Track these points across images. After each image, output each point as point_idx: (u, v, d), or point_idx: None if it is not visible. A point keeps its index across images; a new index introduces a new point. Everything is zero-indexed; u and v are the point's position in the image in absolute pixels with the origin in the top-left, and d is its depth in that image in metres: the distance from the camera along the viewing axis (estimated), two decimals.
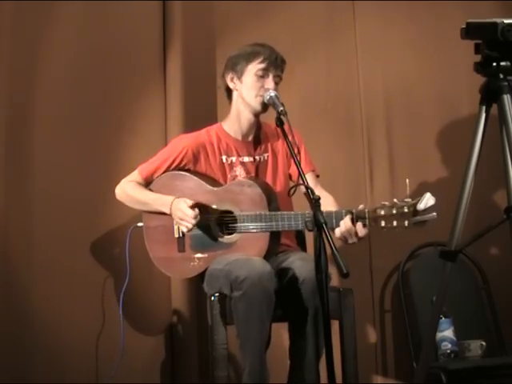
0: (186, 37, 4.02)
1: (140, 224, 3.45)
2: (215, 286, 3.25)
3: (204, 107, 3.99)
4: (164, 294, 3.88)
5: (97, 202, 3.76)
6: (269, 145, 3.44)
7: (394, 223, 3.02)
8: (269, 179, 3.40)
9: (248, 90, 3.34)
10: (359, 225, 3.06)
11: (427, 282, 3.97)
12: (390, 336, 4.17)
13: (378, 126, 4.29)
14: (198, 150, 3.39)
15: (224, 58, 3.89)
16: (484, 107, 2.70)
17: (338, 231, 3.07)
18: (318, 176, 3.50)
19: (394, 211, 3.01)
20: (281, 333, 3.61)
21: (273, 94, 3.22)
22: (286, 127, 3.05)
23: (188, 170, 3.38)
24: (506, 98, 2.64)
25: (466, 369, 3.79)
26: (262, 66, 3.32)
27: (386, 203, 3.04)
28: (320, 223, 2.70)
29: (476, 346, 3.89)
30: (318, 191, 3.30)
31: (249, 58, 3.34)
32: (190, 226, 3.25)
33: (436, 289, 2.83)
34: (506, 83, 2.65)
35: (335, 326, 3.24)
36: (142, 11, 3.97)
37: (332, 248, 2.64)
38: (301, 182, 2.89)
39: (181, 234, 3.33)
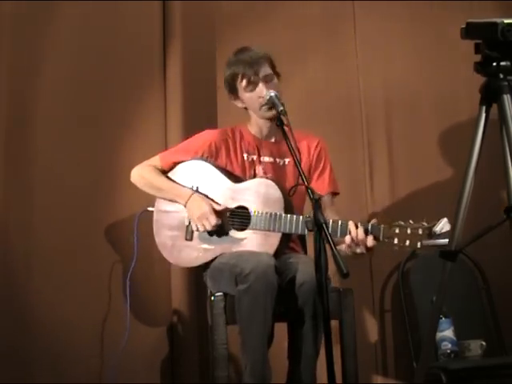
0: (186, 37, 4.02)
1: (150, 208, 3.44)
2: (219, 280, 3.25)
3: (204, 107, 3.99)
4: (164, 293, 3.88)
5: (97, 201, 3.77)
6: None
7: (407, 243, 3.03)
8: (288, 184, 3.36)
9: (250, 105, 3.37)
10: (370, 237, 3.06)
11: (427, 282, 3.97)
12: (390, 336, 4.17)
13: (378, 127, 4.29)
14: (220, 145, 3.40)
15: (224, 58, 3.89)
16: (484, 107, 2.69)
17: (348, 238, 3.06)
18: (337, 193, 3.48)
19: (409, 231, 3.02)
20: (281, 333, 3.60)
21: (273, 93, 3.22)
22: (286, 127, 3.06)
23: (210, 162, 3.39)
24: (506, 97, 2.64)
25: (466, 369, 3.79)
26: (245, 82, 3.32)
27: (402, 222, 3.05)
28: (320, 223, 2.70)
29: (476, 346, 3.89)
30: (330, 213, 3.30)
31: (232, 81, 3.35)
32: (203, 230, 3.25)
33: (436, 289, 2.83)
34: (505, 83, 2.64)
35: (335, 326, 3.24)
36: (142, 11, 3.97)
37: (332, 248, 2.65)
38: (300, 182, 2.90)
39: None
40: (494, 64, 2.64)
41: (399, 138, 4.29)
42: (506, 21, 2.57)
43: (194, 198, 3.30)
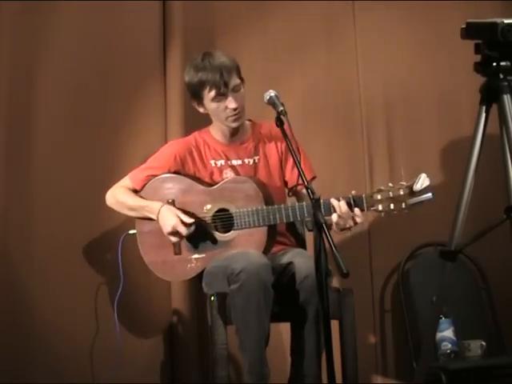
0: (186, 37, 4.02)
1: (132, 231, 3.44)
2: (214, 284, 3.25)
3: None
4: (164, 294, 3.88)
5: (97, 202, 3.76)
6: (260, 147, 3.43)
7: (392, 206, 3.04)
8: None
9: (215, 115, 3.35)
10: (357, 210, 3.06)
11: (427, 282, 3.97)
12: (390, 336, 4.17)
13: (378, 126, 4.28)
14: (184, 156, 3.40)
15: None
16: (484, 107, 2.70)
17: (334, 216, 3.06)
18: (314, 177, 3.45)
19: (391, 194, 3.03)
20: (281, 333, 3.61)
21: (273, 93, 3.21)
22: (285, 127, 3.05)
23: (179, 172, 3.39)
24: (506, 97, 2.64)
25: (466, 369, 3.78)
26: (213, 93, 3.28)
27: (382, 187, 3.06)
28: (320, 223, 2.70)
29: (476, 346, 3.88)
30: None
31: (199, 88, 3.30)
32: (179, 242, 3.27)
33: (436, 289, 2.84)
34: (506, 83, 2.65)
35: (335, 326, 3.24)
36: (142, 11, 3.97)
37: (332, 248, 2.64)
38: (301, 182, 2.90)
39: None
40: (494, 64, 2.65)
41: (399, 138, 4.29)
42: (506, 21, 2.58)
43: (162, 211, 3.28)
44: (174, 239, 3.28)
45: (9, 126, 3.61)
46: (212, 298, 3.24)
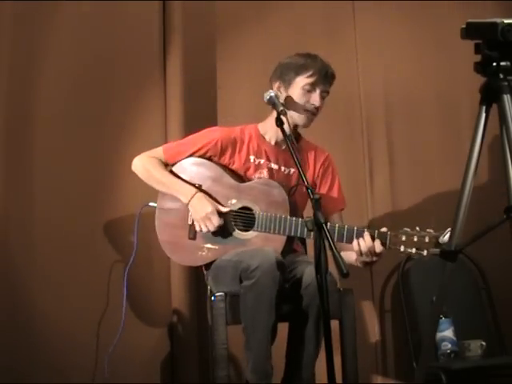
0: (186, 37, 4.02)
1: (152, 203, 3.43)
2: (221, 279, 3.24)
3: (204, 107, 3.99)
4: (164, 294, 3.88)
5: (97, 200, 3.78)
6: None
7: (413, 250, 3.06)
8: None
9: (295, 103, 3.31)
10: (377, 241, 3.07)
11: (427, 282, 3.97)
12: (390, 336, 4.17)
13: (378, 126, 4.28)
14: (226, 145, 3.36)
15: (224, 58, 3.90)
16: (484, 107, 2.69)
17: (355, 245, 3.08)
18: (343, 208, 3.47)
19: (415, 239, 3.04)
20: (280, 333, 3.60)
21: (273, 93, 3.22)
22: (285, 127, 3.05)
23: (211, 159, 3.36)
24: (506, 97, 2.64)
25: (466, 369, 3.79)
26: (311, 80, 3.29)
27: (408, 229, 3.07)
28: (320, 223, 2.70)
29: (476, 346, 3.89)
30: None
31: (299, 70, 3.30)
32: (206, 230, 3.25)
33: (436, 289, 2.83)
34: (506, 83, 2.64)
35: (335, 325, 3.24)
36: (142, 11, 3.97)
37: (332, 248, 2.64)
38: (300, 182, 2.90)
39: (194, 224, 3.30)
40: (494, 64, 2.64)
41: (399, 138, 4.29)
42: (506, 21, 2.57)
43: (198, 197, 3.27)
44: (199, 228, 3.25)
45: (9, 126, 3.61)
46: (212, 298, 3.23)
